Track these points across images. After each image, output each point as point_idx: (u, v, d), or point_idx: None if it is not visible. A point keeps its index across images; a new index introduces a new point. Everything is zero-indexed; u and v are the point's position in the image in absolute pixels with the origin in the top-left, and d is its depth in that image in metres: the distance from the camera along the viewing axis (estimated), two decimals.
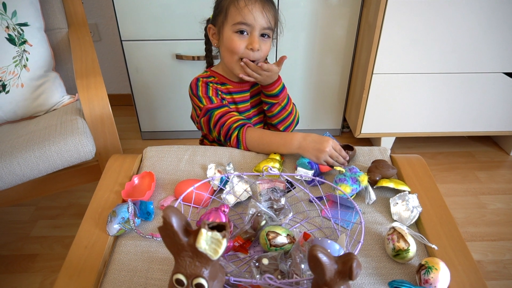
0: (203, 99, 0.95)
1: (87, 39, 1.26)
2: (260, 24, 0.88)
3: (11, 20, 1.13)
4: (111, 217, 0.71)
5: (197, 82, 0.96)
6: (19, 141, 0.99)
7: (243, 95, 1.01)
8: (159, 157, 0.90)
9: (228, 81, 0.98)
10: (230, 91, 0.99)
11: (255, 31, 0.88)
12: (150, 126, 1.79)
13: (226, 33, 0.90)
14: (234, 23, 0.87)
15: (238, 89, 1.00)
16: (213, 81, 0.97)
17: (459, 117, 1.60)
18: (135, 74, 1.62)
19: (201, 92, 0.95)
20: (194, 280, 0.47)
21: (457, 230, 0.72)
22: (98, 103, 1.03)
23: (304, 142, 0.85)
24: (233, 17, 0.88)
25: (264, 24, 0.88)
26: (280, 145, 0.88)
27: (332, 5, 1.50)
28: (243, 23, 0.87)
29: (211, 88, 0.95)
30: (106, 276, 0.65)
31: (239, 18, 0.87)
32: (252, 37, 0.88)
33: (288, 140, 0.87)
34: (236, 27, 0.88)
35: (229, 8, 0.88)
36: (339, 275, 0.49)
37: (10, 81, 1.12)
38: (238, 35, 0.88)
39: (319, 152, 0.83)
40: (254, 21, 0.87)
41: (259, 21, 0.87)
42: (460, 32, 1.40)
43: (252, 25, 0.87)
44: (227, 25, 0.89)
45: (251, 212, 0.71)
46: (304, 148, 0.85)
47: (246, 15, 0.86)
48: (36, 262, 1.23)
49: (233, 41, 0.88)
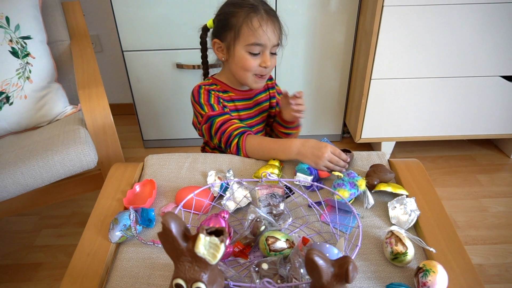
0: (205, 106, 0.96)
1: (88, 50, 1.28)
2: (272, 43, 0.91)
3: (14, 33, 1.16)
4: (113, 224, 0.73)
5: (199, 89, 0.98)
6: (22, 151, 1.01)
7: (246, 102, 1.02)
8: (160, 165, 0.91)
9: (230, 88, 1.00)
10: (233, 99, 1.00)
11: (267, 49, 0.91)
12: (152, 134, 1.81)
13: (239, 52, 0.91)
14: (248, 44, 0.89)
15: (241, 96, 1.01)
16: (215, 89, 0.99)
17: (458, 121, 1.60)
18: (137, 84, 1.65)
19: (203, 99, 0.96)
20: (194, 284, 0.48)
21: (455, 233, 0.73)
22: (100, 113, 1.05)
23: (302, 148, 0.86)
24: (246, 37, 0.89)
25: (275, 42, 0.91)
26: (279, 151, 0.89)
27: (330, 12, 1.52)
28: (257, 44, 0.89)
29: (213, 96, 0.97)
30: (109, 283, 0.66)
31: (253, 39, 0.89)
32: (265, 56, 0.91)
33: (287, 146, 0.88)
34: (250, 48, 0.90)
35: (242, 28, 0.89)
36: (335, 278, 0.50)
37: (13, 93, 1.15)
38: (252, 55, 0.91)
39: (317, 158, 0.84)
40: (268, 41, 0.89)
41: (271, 40, 0.90)
42: (457, 36, 1.41)
43: (265, 45, 0.90)
44: (239, 44, 0.91)
45: (250, 218, 0.72)
46: (303, 154, 0.86)
47: (260, 36, 0.88)
48: (40, 271, 1.24)
49: (248, 60, 0.91)
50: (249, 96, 1.03)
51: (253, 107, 1.04)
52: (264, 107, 1.07)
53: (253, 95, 1.04)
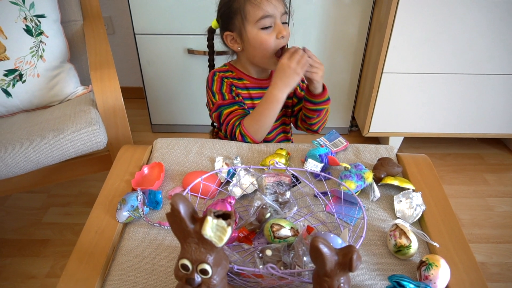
0: (217, 94, 0.96)
1: (101, 31, 1.29)
2: (280, 11, 0.88)
3: (29, 11, 1.16)
4: (120, 204, 0.74)
5: (213, 76, 0.98)
6: (34, 128, 1.02)
7: (260, 91, 1.01)
8: (169, 149, 0.92)
9: (246, 76, 0.99)
10: (247, 87, 1.00)
11: (277, 19, 0.88)
12: (160, 119, 1.82)
13: (251, 32, 0.89)
14: (258, 20, 0.87)
15: (256, 85, 1.00)
16: (230, 76, 0.98)
17: (469, 119, 1.59)
18: (147, 68, 1.65)
19: (215, 87, 0.96)
20: (199, 265, 0.49)
21: (460, 229, 0.73)
22: (111, 94, 1.06)
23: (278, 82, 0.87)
24: (253, 14, 0.87)
25: (282, 9, 0.89)
26: (270, 103, 0.88)
27: (344, 3, 1.50)
28: (266, 16, 0.87)
29: (226, 84, 0.97)
30: (115, 261, 0.67)
31: (261, 13, 0.86)
32: (278, 26, 0.88)
33: (269, 94, 0.88)
34: (261, 23, 0.87)
35: (246, 7, 0.87)
36: (339, 266, 0.51)
37: (26, 71, 1.16)
38: (265, 30, 0.88)
39: (286, 72, 0.84)
40: (275, 10, 0.87)
41: (278, 8, 0.88)
42: (472, 32, 1.39)
43: (274, 15, 0.87)
44: (249, 25, 0.88)
45: (256, 205, 0.72)
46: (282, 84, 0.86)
47: (266, 6, 0.86)
48: (47, 247, 1.27)
49: (263, 39, 0.88)
50: (264, 85, 1.01)
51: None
52: None
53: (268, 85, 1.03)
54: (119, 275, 0.65)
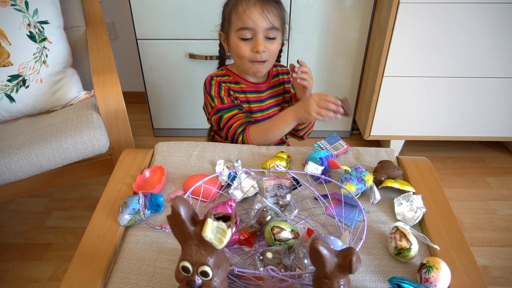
0: (215, 98, 0.97)
1: (103, 37, 1.30)
2: (261, 27, 0.89)
3: (33, 18, 1.18)
4: (122, 208, 0.74)
5: (211, 80, 0.99)
6: (37, 133, 1.03)
7: (257, 95, 1.02)
8: (170, 152, 0.93)
9: (242, 80, 1.00)
10: (244, 90, 1.01)
11: (258, 34, 0.90)
12: (162, 123, 1.83)
13: (232, 39, 0.93)
14: (237, 29, 0.90)
15: (252, 89, 1.02)
16: (227, 80, 0.99)
17: (470, 122, 1.59)
18: (149, 72, 1.66)
19: (213, 91, 0.98)
20: (200, 267, 0.49)
21: (460, 232, 0.73)
22: (113, 99, 1.07)
23: (296, 108, 0.91)
24: (235, 23, 0.91)
25: (266, 25, 0.89)
26: (280, 123, 0.92)
27: (344, 8, 1.51)
28: (244, 28, 0.89)
29: (223, 88, 0.98)
30: (116, 264, 0.68)
31: (240, 24, 0.89)
32: (256, 40, 0.90)
33: (284, 116, 0.92)
34: (239, 34, 0.90)
35: (231, 15, 0.91)
36: (339, 268, 0.51)
37: (30, 76, 1.17)
38: (243, 40, 0.91)
39: (306, 107, 0.87)
40: (255, 25, 0.88)
41: (259, 23, 0.88)
42: (472, 36, 1.39)
43: (253, 29, 0.89)
44: (231, 32, 0.92)
45: (257, 207, 0.73)
46: (297, 112, 0.90)
47: (246, 20, 0.88)
48: (50, 251, 1.28)
49: (239, 46, 0.92)
50: (261, 89, 1.03)
51: (265, 100, 1.04)
52: (278, 101, 1.07)
53: (266, 88, 1.04)
54: (121, 278, 0.65)
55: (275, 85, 1.06)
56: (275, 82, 1.06)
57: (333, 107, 0.86)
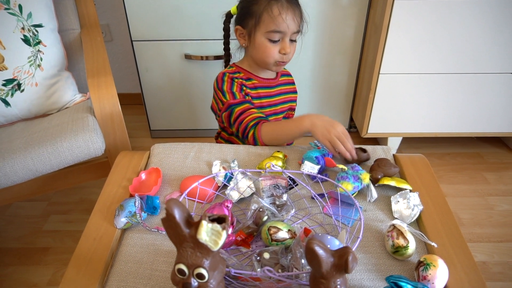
0: (227, 94, 0.98)
1: (98, 39, 1.29)
2: (291, 30, 0.92)
3: (27, 21, 1.17)
4: (118, 211, 0.74)
5: (223, 76, 1.00)
6: (33, 137, 1.03)
7: (268, 90, 1.04)
8: (166, 154, 0.92)
9: (253, 76, 1.02)
10: (256, 86, 1.02)
11: (287, 37, 0.92)
12: (159, 124, 1.82)
13: (259, 39, 0.93)
14: (268, 31, 0.91)
15: (264, 84, 1.03)
16: (239, 77, 1.00)
17: (467, 118, 1.59)
18: (145, 74, 1.66)
19: (226, 87, 0.98)
20: (195, 270, 0.49)
21: (458, 229, 0.73)
22: (108, 101, 1.06)
23: (316, 119, 0.87)
24: (266, 24, 0.90)
25: (295, 29, 0.92)
26: (293, 126, 0.90)
27: (340, 6, 1.51)
28: (277, 32, 0.90)
29: (236, 84, 0.99)
30: (113, 267, 0.67)
31: (273, 27, 0.90)
32: (284, 43, 0.93)
33: (300, 119, 0.89)
34: (270, 35, 0.91)
35: (263, 15, 0.91)
36: (335, 268, 0.51)
37: (25, 80, 1.16)
38: (271, 42, 0.92)
39: (328, 129, 0.83)
40: (287, 29, 0.91)
41: (291, 27, 0.91)
42: (467, 32, 1.39)
43: (284, 32, 0.91)
44: (259, 31, 0.92)
45: (253, 208, 0.73)
46: (315, 125, 0.86)
47: (280, 23, 0.89)
48: (48, 255, 1.27)
49: (267, 48, 0.93)
50: (271, 84, 1.04)
51: (275, 95, 1.05)
52: (286, 99, 1.08)
53: (275, 85, 1.05)
54: (118, 281, 0.65)
55: (284, 83, 1.08)
56: (284, 81, 1.08)
57: (348, 147, 0.84)
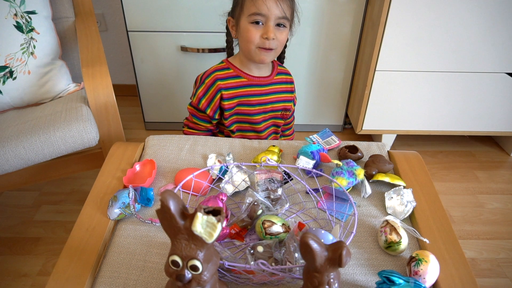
0: (195, 97, 1.01)
1: (93, 28, 1.27)
2: (274, 14, 0.91)
3: (19, 7, 1.15)
4: (112, 201, 0.74)
5: (205, 78, 0.99)
6: (25, 126, 1.01)
7: (258, 88, 1.02)
8: (161, 146, 0.92)
9: (243, 73, 1.01)
10: (244, 84, 1.00)
11: (270, 21, 0.92)
12: (153, 116, 1.81)
13: (243, 24, 0.94)
14: (250, 14, 0.92)
15: (254, 82, 1.01)
16: (225, 75, 0.99)
17: (460, 116, 1.60)
18: (140, 65, 1.64)
19: (200, 91, 1.00)
20: (189, 262, 0.49)
21: (450, 225, 0.74)
22: (102, 91, 1.05)
23: None
24: (248, 8, 0.92)
25: (279, 14, 0.91)
26: None
27: (337, 2, 1.50)
28: (257, 14, 0.91)
29: (211, 92, 0.99)
30: (106, 258, 0.67)
31: (254, 9, 0.91)
32: (267, 27, 0.92)
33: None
34: (251, 18, 0.92)
35: (245, 0, 0.92)
36: (329, 262, 0.51)
37: (17, 68, 1.14)
38: (254, 25, 0.92)
39: None
40: (268, 11, 0.90)
41: (273, 11, 0.90)
42: (463, 31, 1.40)
43: (266, 15, 0.91)
44: (243, 16, 0.93)
45: (248, 201, 0.73)
46: None
47: (260, 6, 0.90)
48: (39, 245, 1.26)
49: (249, 31, 0.93)
50: (263, 83, 1.02)
51: (266, 94, 1.03)
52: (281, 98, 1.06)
53: (268, 83, 1.03)
54: (110, 272, 0.65)
55: (279, 82, 1.05)
56: (280, 79, 1.05)
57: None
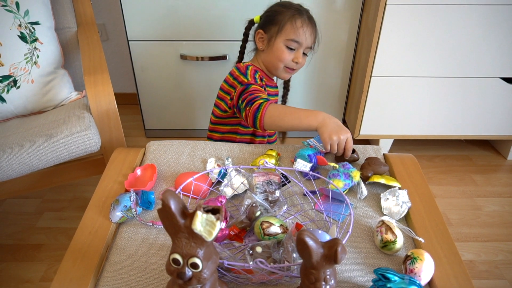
0: (250, 77, 1.03)
1: (95, 38, 1.30)
2: (307, 44, 1.03)
3: (23, 18, 1.18)
4: (114, 205, 0.75)
5: (248, 66, 1.06)
6: (29, 133, 1.03)
7: (272, 89, 1.13)
8: (161, 151, 0.94)
9: (264, 75, 1.10)
10: (266, 84, 1.10)
11: (302, 48, 1.03)
12: (154, 124, 1.83)
13: (278, 44, 1.02)
14: (288, 39, 1.01)
15: (271, 84, 1.13)
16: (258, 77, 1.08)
17: (457, 121, 1.62)
18: (141, 74, 1.67)
19: (249, 75, 1.04)
20: (190, 259, 0.51)
21: (444, 225, 0.75)
22: (104, 98, 1.07)
23: (328, 120, 0.88)
24: (287, 33, 1.01)
25: (309, 44, 1.04)
26: (304, 116, 0.89)
27: (333, 9, 1.53)
28: (296, 41, 1.01)
29: (258, 76, 1.06)
30: (108, 260, 0.69)
31: (293, 36, 1.00)
32: (299, 53, 1.03)
33: (314, 113, 0.89)
34: (288, 43, 1.01)
35: (286, 24, 1.01)
36: (325, 259, 0.53)
37: (21, 77, 1.17)
38: (288, 49, 1.02)
39: (335, 132, 0.85)
40: (305, 41, 1.02)
41: (308, 41, 1.03)
42: (458, 36, 1.43)
43: (301, 43, 1.02)
44: (280, 37, 1.02)
45: (246, 203, 0.74)
46: (326, 124, 0.87)
47: (300, 34, 1.01)
48: (42, 251, 1.27)
49: (284, 52, 1.02)
50: (275, 85, 1.16)
51: (274, 95, 1.15)
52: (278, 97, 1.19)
53: (276, 85, 1.17)
54: (113, 273, 0.66)
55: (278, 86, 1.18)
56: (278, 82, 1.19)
57: (348, 153, 0.87)
